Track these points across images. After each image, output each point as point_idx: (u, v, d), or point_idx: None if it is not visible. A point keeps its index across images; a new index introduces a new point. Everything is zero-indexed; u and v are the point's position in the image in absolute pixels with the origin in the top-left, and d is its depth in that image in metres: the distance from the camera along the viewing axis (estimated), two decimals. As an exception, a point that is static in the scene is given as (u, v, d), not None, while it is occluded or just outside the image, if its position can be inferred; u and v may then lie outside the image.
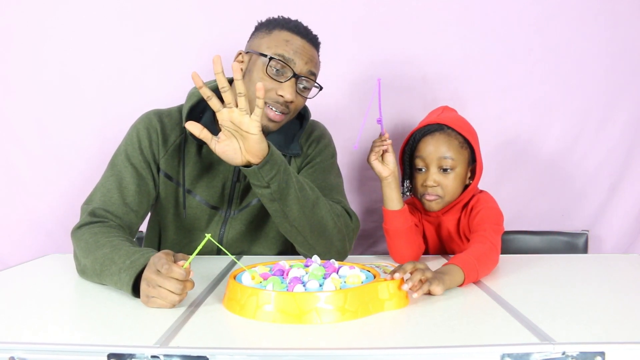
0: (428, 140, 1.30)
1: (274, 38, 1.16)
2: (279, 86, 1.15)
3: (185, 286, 0.86)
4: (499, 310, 0.87)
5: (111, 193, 1.16)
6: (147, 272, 0.88)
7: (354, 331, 0.78)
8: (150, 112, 1.28)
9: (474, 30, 1.71)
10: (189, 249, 1.29)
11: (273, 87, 1.15)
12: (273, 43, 1.16)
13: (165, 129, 1.25)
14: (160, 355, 0.69)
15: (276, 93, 1.15)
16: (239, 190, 1.28)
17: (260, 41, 1.18)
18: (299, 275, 0.90)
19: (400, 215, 1.25)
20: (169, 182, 1.25)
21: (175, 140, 1.25)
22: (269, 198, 1.06)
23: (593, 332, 0.76)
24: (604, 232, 1.79)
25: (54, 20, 1.68)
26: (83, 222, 1.10)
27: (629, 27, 1.71)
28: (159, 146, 1.23)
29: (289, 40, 1.16)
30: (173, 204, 1.26)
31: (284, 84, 1.14)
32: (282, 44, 1.15)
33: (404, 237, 1.26)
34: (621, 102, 1.74)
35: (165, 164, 1.24)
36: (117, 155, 1.23)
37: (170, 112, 1.29)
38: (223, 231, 1.29)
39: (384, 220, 1.27)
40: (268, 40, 1.17)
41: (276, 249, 1.33)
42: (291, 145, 1.29)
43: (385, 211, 1.26)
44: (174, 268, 0.85)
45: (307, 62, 1.17)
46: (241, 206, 1.29)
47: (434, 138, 1.30)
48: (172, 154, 1.24)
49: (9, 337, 0.76)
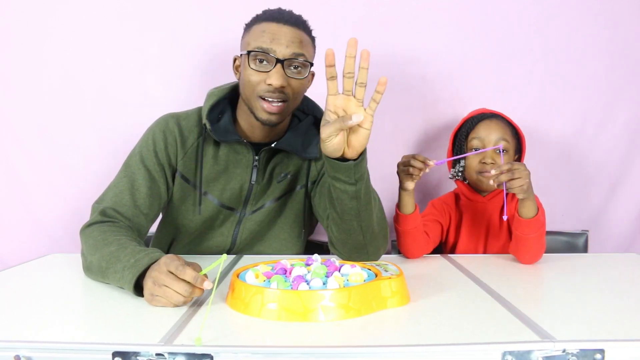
0: (487, 123, 1.44)
1: (252, 33, 1.18)
2: (266, 76, 1.15)
3: (194, 291, 0.87)
4: (500, 309, 0.87)
5: (123, 194, 1.17)
6: (155, 271, 0.88)
7: (358, 329, 0.78)
8: (167, 115, 1.29)
9: (474, 30, 1.72)
10: (202, 250, 1.30)
11: (261, 78, 1.16)
12: (252, 38, 1.18)
13: (184, 131, 1.26)
14: (164, 353, 0.69)
15: (265, 83, 1.15)
16: (255, 192, 1.28)
17: (243, 41, 1.22)
18: (302, 273, 0.90)
19: (414, 218, 1.31)
20: (186, 183, 1.25)
21: (193, 142, 1.26)
22: (351, 195, 1.03)
23: (593, 330, 0.77)
24: (604, 232, 1.79)
25: (54, 20, 1.68)
26: (93, 221, 1.11)
27: (629, 27, 1.71)
28: (177, 149, 1.24)
29: (265, 30, 1.17)
30: (188, 206, 1.27)
31: (270, 72, 1.15)
32: (259, 36, 1.16)
33: (411, 237, 1.32)
34: (621, 102, 1.75)
35: (183, 165, 1.24)
36: (131, 156, 1.23)
37: (187, 114, 1.29)
38: (237, 231, 1.29)
39: (398, 222, 1.32)
40: (248, 37, 1.19)
41: (287, 249, 1.33)
42: (309, 149, 1.29)
43: (401, 215, 1.31)
44: (187, 271, 0.85)
45: (289, 45, 1.15)
46: (256, 207, 1.29)
47: (492, 122, 1.44)
48: (190, 155, 1.25)
49: (14, 335, 0.76)
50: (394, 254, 1.58)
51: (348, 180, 1.01)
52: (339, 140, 0.96)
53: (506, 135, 1.42)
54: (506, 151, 1.41)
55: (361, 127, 0.96)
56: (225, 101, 1.29)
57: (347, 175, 1.00)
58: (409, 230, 1.31)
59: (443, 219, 1.50)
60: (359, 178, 1.01)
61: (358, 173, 1.00)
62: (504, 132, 1.43)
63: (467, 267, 1.19)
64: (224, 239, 1.30)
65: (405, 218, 1.31)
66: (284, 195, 1.31)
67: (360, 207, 1.06)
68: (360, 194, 1.03)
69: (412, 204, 1.30)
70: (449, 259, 1.30)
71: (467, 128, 1.48)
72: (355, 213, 1.07)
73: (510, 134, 1.44)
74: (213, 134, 1.22)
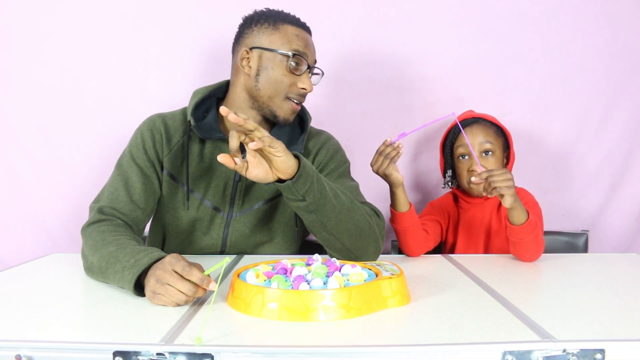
0: (468, 130, 1.45)
1: (285, 34, 1.20)
2: (298, 79, 1.21)
3: (197, 291, 0.87)
4: (501, 309, 0.87)
5: (118, 192, 1.18)
6: (159, 270, 0.89)
7: (358, 328, 0.78)
8: (153, 115, 1.31)
9: (474, 30, 1.72)
10: (192, 253, 1.30)
11: (294, 81, 1.21)
12: (286, 39, 1.19)
13: (169, 129, 1.27)
14: (165, 353, 0.69)
15: (297, 86, 1.21)
16: (240, 189, 1.28)
17: (271, 37, 1.20)
18: (302, 273, 0.91)
19: (410, 216, 1.32)
20: (172, 181, 1.26)
21: (178, 140, 1.27)
22: (305, 210, 1.05)
23: (593, 330, 0.77)
24: (604, 232, 1.80)
25: (54, 20, 1.68)
26: (92, 220, 1.12)
27: (629, 27, 1.71)
28: (163, 146, 1.25)
29: (298, 35, 1.21)
30: (176, 204, 1.27)
31: (302, 76, 1.21)
32: (295, 39, 1.20)
33: (411, 234, 1.33)
34: (621, 102, 1.75)
35: (169, 162, 1.25)
36: (122, 157, 1.25)
37: (173, 114, 1.31)
38: (226, 233, 1.29)
39: (395, 221, 1.34)
40: (280, 37, 1.20)
41: (281, 253, 1.33)
42: (293, 147, 1.29)
43: (396, 214, 1.33)
44: (194, 271, 0.86)
45: (314, 53, 1.24)
46: (243, 208, 1.29)
47: (473, 127, 1.46)
48: (175, 153, 1.26)
49: (15, 335, 0.77)
50: (394, 253, 1.59)
51: (295, 197, 1.03)
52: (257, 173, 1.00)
53: (489, 137, 1.45)
54: (492, 152, 1.44)
55: (274, 155, 0.98)
56: (212, 99, 1.31)
57: (291, 194, 1.03)
58: (407, 228, 1.32)
59: (442, 219, 1.51)
60: (306, 193, 1.02)
61: (302, 189, 1.01)
62: (486, 134, 1.45)
63: (467, 267, 1.19)
64: (214, 242, 1.29)
65: (401, 216, 1.32)
66: (275, 198, 1.30)
67: (322, 218, 1.07)
68: (313, 207, 1.04)
69: (406, 201, 1.32)
70: (449, 258, 1.30)
71: (451, 137, 1.51)
72: (319, 225, 1.08)
73: (493, 134, 1.46)
74: (197, 131, 1.23)
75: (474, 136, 1.44)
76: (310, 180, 1.02)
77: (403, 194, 1.32)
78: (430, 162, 1.77)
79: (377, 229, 1.17)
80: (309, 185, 1.02)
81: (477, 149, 1.44)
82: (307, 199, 1.03)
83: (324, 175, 1.28)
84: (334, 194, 1.08)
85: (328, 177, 1.27)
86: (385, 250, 1.41)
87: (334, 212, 1.07)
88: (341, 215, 1.08)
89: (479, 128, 1.46)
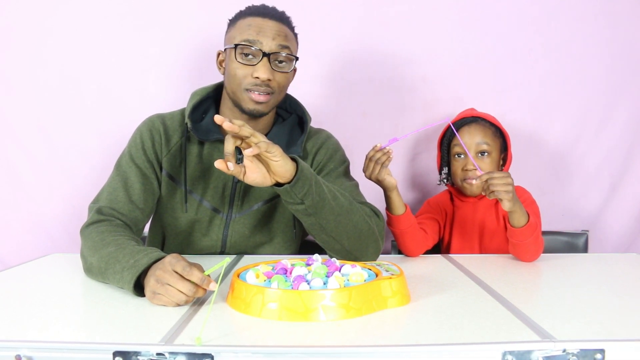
0: (465, 129, 1.45)
1: (238, 27, 1.19)
2: (253, 69, 1.17)
3: (197, 291, 0.87)
4: (500, 309, 0.87)
5: (117, 192, 1.18)
6: (159, 270, 0.89)
7: (358, 328, 0.78)
8: (153, 115, 1.31)
9: (474, 30, 1.72)
10: (190, 253, 1.30)
11: (248, 71, 1.17)
12: (238, 32, 1.19)
13: (168, 130, 1.27)
14: (165, 353, 0.69)
15: (252, 76, 1.17)
16: (239, 190, 1.28)
17: (228, 35, 1.22)
18: (302, 273, 0.91)
19: (407, 218, 1.32)
20: (171, 182, 1.26)
21: (177, 141, 1.27)
22: (304, 213, 1.05)
23: (593, 330, 0.77)
24: (604, 232, 1.80)
25: (54, 20, 1.68)
26: (91, 221, 1.12)
27: (629, 27, 1.72)
28: (162, 146, 1.25)
29: (251, 24, 1.18)
30: (175, 205, 1.27)
31: (257, 65, 1.17)
32: (246, 30, 1.18)
33: (409, 236, 1.33)
34: (621, 102, 1.75)
35: (168, 163, 1.25)
36: (122, 157, 1.25)
37: (172, 114, 1.31)
38: (226, 234, 1.29)
39: (391, 224, 1.34)
40: (233, 32, 1.20)
41: (281, 253, 1.33)
42: (292, 148, 1.29)
43: (392, 217, 1.33)
44: (194, 272, 0.86)
45: (274, 38, 1.17)
46: (243, 209, 1.29)
47: (471, 127, 1.45)
48: (174, 154, 1.26)
49: (15, 335, 0.77)
50: (394, 253, 1.59)
51: (293, 201, 1.03)
52: (255, 178, 1.00)
53: (487, 138, 1.44)
54: (488, 153, 1.44)
55: (271, 160, 0.97)
56: (210, 100, 1.31)
57: (290, 197, 1.02)
58: (404, 230, 1.32)
59: (439, 216, 1.51)
60: (304, 196, 1.02)
61: (300, 192, 1.01)
62: (484, 134, 1.44)
63: (467, 267, 1.19)
64: (213, 243, 1.29)
65: (398, 219, 1.32)
66: (274, 198, 1.30)
67: (321, 221, 1.07)
68: (312, 210, 1.04)
69: (401, 204, 1.32)
70: (449, 258, 1.30)
71: (448, 136, 1.51)
72: (318, 227, 1.08)
73: (491, 135, 1.46)
74: (195, 133, 1.23)
75: (472, 136, 1.44)
76: (309, 184, 1.02)
77: (398, 197, 1.32)
78: (430, 162, 1.77)
79: (377, 230, 1.17)
80: (307, 189, 1.01)
81: (473, 149, 1.44)
82: (306, 202, 1.03)
83: (323, 175, 1.28)
84: (333, 196, 1.08)
85: (327, 176, 1.27)
86: (385, 251, 1.41)
87: (333, 215, 1.07)
88: (340, 218, 1.08)
89: (477, 128, 1.46)
